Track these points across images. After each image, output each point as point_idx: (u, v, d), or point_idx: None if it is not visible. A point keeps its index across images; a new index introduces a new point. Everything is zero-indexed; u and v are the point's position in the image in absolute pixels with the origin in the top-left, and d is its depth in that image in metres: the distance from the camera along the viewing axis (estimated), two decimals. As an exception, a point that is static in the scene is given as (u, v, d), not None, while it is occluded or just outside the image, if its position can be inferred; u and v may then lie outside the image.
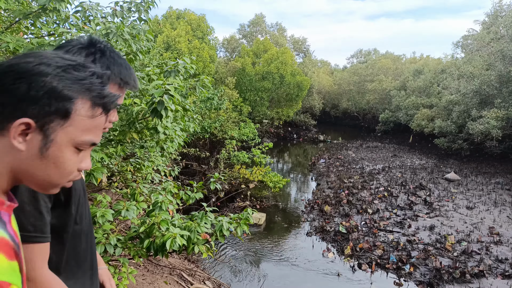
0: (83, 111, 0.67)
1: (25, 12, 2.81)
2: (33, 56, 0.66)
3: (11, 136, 0.64)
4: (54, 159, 0.67)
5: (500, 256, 6.18)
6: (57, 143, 0.66)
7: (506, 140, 14.34)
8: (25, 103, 0.63)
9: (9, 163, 0.65)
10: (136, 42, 2.91)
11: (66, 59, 0.68)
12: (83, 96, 0.67)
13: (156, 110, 2.40)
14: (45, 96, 0.64)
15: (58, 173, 0.69)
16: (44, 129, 0.65)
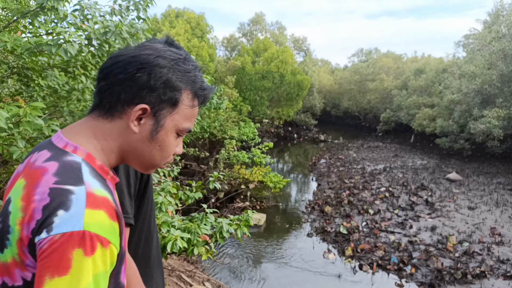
0: (187, 101, 0.77)
1: (23, 11, 2.77)
2: (150, 48, 0.75)
3: (129, 119, 0.73)
4: (160, 142, 0.77)
5: (502, 256, 6.14)
6: (165, 128, 0.76)
7: (507, 139, 14.29)
8: (144, 90, 0.72)
9: (121, 143, 0.75)
10: (135, 41, 2.87)
11: (175, 53, 0.76)
12: (189, 87, 0.76)
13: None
14: (162, 85, 0.73)
15: (161, 155, 0.79)
16: (157, 115, 0.74)
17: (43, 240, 0.61)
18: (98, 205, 0.64)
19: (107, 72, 0.74)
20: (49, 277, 0.60)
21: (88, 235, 0.61)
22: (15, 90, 3.68)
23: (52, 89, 3.26)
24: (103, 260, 0.63)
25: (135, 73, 0.72)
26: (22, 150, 2.00)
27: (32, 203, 0.64)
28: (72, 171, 0.67)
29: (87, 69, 3.11)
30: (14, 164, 3.45)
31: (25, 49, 2.49)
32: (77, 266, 0.60)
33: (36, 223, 0.62)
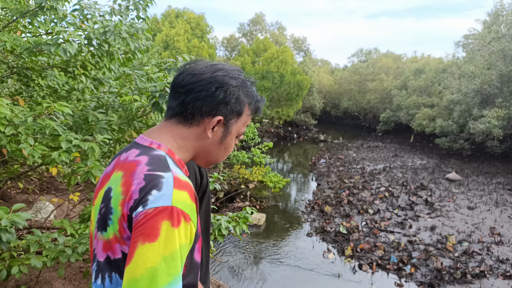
0: (247, 111, 0.97)
1: (22, 11, 2.78)
2: (222, 69, 0.94)
3: (206, 127, 0.92)
4: (226, 145, 0.97)
5: (501, 256, 6.15)
6: (231, 134, 0.96)
7: (507, 139, 14.30)
8: (221, 105, 0.91)
9: (195, 145, 0.94)
10: (135, 40, 2.87)
11: (239, 73, 0.97)
12: (250, 100, 0.97)
13: (157, 104, 2.37)
14: (234, 101, 0.93)
15: (224, 155, 0.99)
16: (227, 124, 0.94)
17: (139, 214, 0.75)
18: (183, 187, 0.79)
19: (190, 89, 0.91)
20: (141, 242, 0.73)
21: (175, 210, 0.75)
22: (15, 90, 3.68)
23: (52, 89, 3.27)
24: (185, 233, 0.77)
25: (215, 91, 0.90)
26: (32, 147, 2.03)
27: (131, 186, 0.79)
28: (160, 161, 0.83)
29: (87, 69, 3.12)
30: (14, 164, 3.45)
31: (25, 49, 2.49)
32: (165, 235, 0.73)
33: (134, 201, 0.77)
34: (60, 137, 2.13)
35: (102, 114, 2.59)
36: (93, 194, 0.99)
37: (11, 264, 2.00)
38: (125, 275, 0.74)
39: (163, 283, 0.71)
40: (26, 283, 2.89)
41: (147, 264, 0.71)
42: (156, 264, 0.72)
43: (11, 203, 4.19)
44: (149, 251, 0.72)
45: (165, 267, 0.72)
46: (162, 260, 0.72)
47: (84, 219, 2.33)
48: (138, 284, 0.71)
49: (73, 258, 2.12)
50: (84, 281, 3.18)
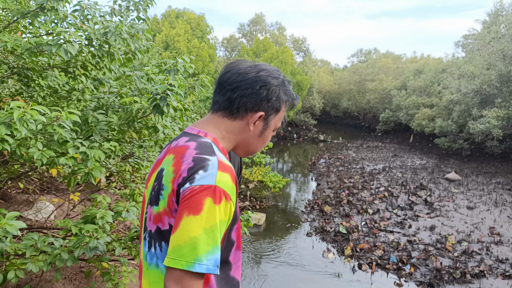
0: (284, 108, 1.08)
1: (23, 11, 2.78)
2: (264, 70, 1.04)
3: (248, 121, 1.03)
4: (264, 137, 1.09)
5: (501, 256, 6.16)
6: (269, 128, 1.08)
7: (506, 139, 14.32)
8: (264, 102, 1.02)
9: (237, 136, 1.06)
10: (135, 41, 2.88)
11: (280, 74, 1.07)
12: (287, 98, 1.08)
13: (158, 106, 2.37)
14: (275, 98, 1.04)
15: (261, 146, 1.11)
16: (267, 119, 1.06)
17: (186, 189, 0.87)
18: (226, 170, 0.90)
19: (237, 86, 1.02)
20: (187, 214, 0.84)
21: (218, 189, 0.85)
22: (15, 90, 3.69)
23: (52, 89, 3.28)
24: (225, 211, 0.87)
25: (259, 89, 1.01)
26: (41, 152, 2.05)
27: (181, 166, 0.91)
28: (207, 147, 0.95)
29: (87, 69, 3.12)
30: (14, 164, 3.46)
31: (25, 49, 2.50)
32: (207, 210, 0.84)
33: (183, 179, 0.88)
34: (67, 144, 2.14)
35: (102, 115, 2.60)
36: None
37: (8, 269, 2.01)
38: (170, 242, 0.85)
39: (203, 251, 0.82)
40: (27, 282, 2.89)
41: (190, 234, 0.83)
42: (198, 234, 0.82)
43: (11, 203, 4.20)
44: (192, 222, 0.83)
45: (205, 237, 0.83)
46: (203, 231, 0.83)
47: (87, 220, 2.34)
48: (182, 251, 0.82)
49: (69, 262, 2.12)
50: (84, 280, 3.19)
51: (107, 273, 2.35)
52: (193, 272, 0.82)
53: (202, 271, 0.82)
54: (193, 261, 0.82)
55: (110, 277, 2.32)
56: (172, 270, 0.83)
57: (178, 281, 0.82)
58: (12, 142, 1.98)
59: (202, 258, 0.82)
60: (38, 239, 2.14)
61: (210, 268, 0.83)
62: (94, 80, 3.29)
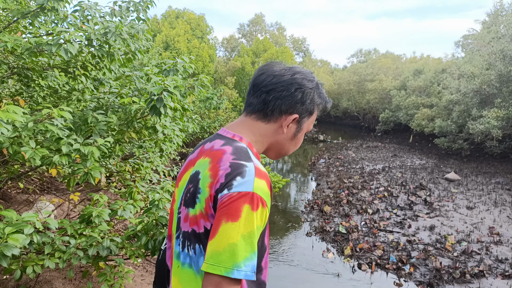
0: (316, 111, 1.09)
1: (23, 12, 2.79)
2: (299, 72, 1.04)
3: (283, 124, 1.03)
4: (297, 140, 1.09)
5: (500, 256, 6.16)
6: (302, 130, 1.08)
7: (506, 139, 14.32)
8: (298, 104, 1.02)
9: (271, 139, 1.05)
10: (135, 41, 2.89)
11: (314, 77, 1.07)
12: (321, 101, 1.09)
13: (154, 108, 2.38)
14: (309, 101, 1.04)
15: (293, 148, 1.11)
16: (301, 122, 1.06)
17: (224, 196, 0.87)
18: (262, 176, 0.91)
19: (272, 88, 1.02)
20: (225, 220, 0.85)
21: (255, 196, 0.86)
22: (15, 91, 3.70)
23: (52, 90, 3.28)
24: (262, 217, 0.88)
25: (294, 91, 1.02)
26: (33, 150, 2.05)
27: (219, 171, 0.91)
28: (243, 152, 0.95)
29: (87, 70, 3.13)
30: (14, 164, 3.47)
31: (25, 49, 2.51)
32: (245, 217, 0.85)
33: (221, 185, 0.89)
34: (61, 141, 2.15)
35: (101, 115, 2.60)
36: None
37: (25, 265, 2.03)
38: (208, 247, 0.86)
39: (241, 258, 0.84)
40: (26, 282, 2.90)
41: (229, 240, 0.84)
42: (237, 241, 0.84)
43: (11, 203, 4.20)
44: (231, 229, 0.84)
45: (243, 244, 0.84)
46: (241, 238, 0.84)
47: (84, 219, 2.34)
48: (221, 257, 0.83)
49: (84, 260, 2.15)
50: (84, 280, 3.19)
51: (103, 274, 2.35)
52: (231, 278, 0.83)
53: (241, 277, 0.83)
54: (232, 267, 0.83)
55: (105, 278, 2.32)
56: (210, 275, 0.85)
57: (217, 286, 0.84)
58: (1, 141, 1.99)
59: (240, 264, 0.83)
60: (55, 237, 2.17)
61: (248, 274, 0.85)
62: (94, 80, 3.30)
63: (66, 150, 2.13)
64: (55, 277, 3.14)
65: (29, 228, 1.81)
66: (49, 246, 2.11)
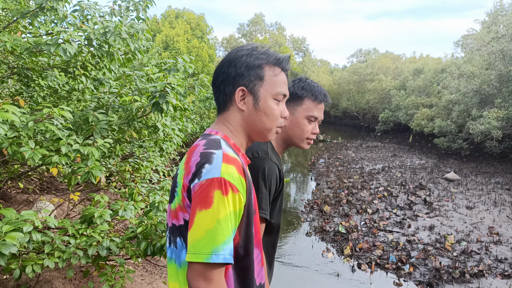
0: (270, 72, 1.03)
1: (22, 11, 2.79)
2: (230, 52, 1.04)
3: (236, 101, 1.02)
4: (264, 109, 1.03)
5: (500, 256, 6.17)
6: (262, 98, 1.02)
7: (506, 139, 14.33)
8: (237, 78, 1.01)
9: (239, 122, 1.04)
10: (135, 41, 2.89)
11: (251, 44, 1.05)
12: (265, 61, 1.03)
13: (157, 104, 2.38)
14: (245, 69, 1.01)
15: (269, 120, 1.04)
16: (253, 91, 1.02)
17: (195, 185, 0.89)
18: (230, 161, 0.91)
19: (214, 80, 1.05)
20: (199, 209, 0.87)
21: (223, 181, 0.87)
22: (15, 90, 3.70)
23: (52, 89, 3.28)
24: (234, 202, 0.89)
25: (226, 70, 1.02)
26: (32, 150, 2.05)
27: (190, 163, 0.94)
28: (215, 142, 0.97)
29: (87, 70, 3.13)
30: (14, 164, 3.47)
31: (25, 49, 2.51)
32: (217, 202, 0.86)
33: (192, 174, 0.91)
34: (61, 141, 2.14)
35: (102, 115, 2.60)
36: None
37: (25, 264, 2.02)
38: (188, 238, 0.88)
39: (219, 242, 0.85)
40: (26, 282, 2.90)
41: (205, 227, 0.85)
42: (213, 227, 0.85)
43: (11, 203, 4.20)
44: (205, 216, 0.86)
45: (219, 228, 0.85)
46: (216, 223, 0.86)
47: (85, 219, 2.34)
48: (200, 244, 0.85)
49: (83, 260, 2.14)
50: (84, 280, 3.19)
51: (104, 274, 2.35)
52: (213, 263, 0.85)
53: (220, 261, 0.85)
54: (211, 252, 0.85)
55: (107, 278, 2.32)
56: (193, 265, 0.86)
57: (201, 274, 0.85)
58: (2, 141, 1.99)
59: (218, 248, 0.85)
60: (55, 236, 2.16)
61: (226, 257, 0.86)
62: (94, 80, 3.30)
63: (65, 150, 2.13)
64: (55, 277, 3.14)
65: (28, 226, 1.80)
66: (49, 246, 2.11)
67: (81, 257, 2.13)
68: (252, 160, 1.34)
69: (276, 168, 1.39)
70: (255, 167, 1.32)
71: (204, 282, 0.86)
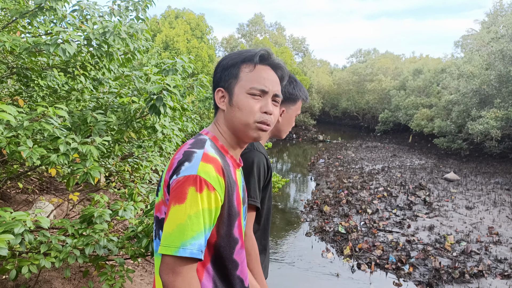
0: (245, 69, 1.05)
1: (21, 11, 2.79)
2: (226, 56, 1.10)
3: (217, 102, 1.07)
4: (237, 104, 1.03)
5: (499, 256, 6.17)
6: (236, 94, 1.04)
7: (505, 140, 14.33)
8: (219, 82, 1.07)
9: (223, 122, 1.07)
10: (134, 41, 2.89)
11: (236, 52, 1.09)
12: (241, 59, 1.06)
13: (154, 107, 2.38)
14: (221, 71, 1.07)
15: (244, 113, 1.03)
16: (228, 89, 1.05)
17: (173, 180, 0.93)
18: (209, 161, 0.93)
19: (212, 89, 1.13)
20: (173, 204, 0.90)
21: (199, 178, 0.90)
22: (15, 90, 3.69)
23: (51, 89, 3.28)
24: (208, 200, 0.91)
25: (214, 76, 1.10)
26: (31, 149, 2.04)
27: (173, 160, 0.97)
28: (200, 142, 1.00)
29: (86, 70, 3.13)
30: (13, 164, 3.46)
31: (24, 49, 2.51)
32: (190, 198, 0.89)
33: (172, 171, 0.95)
34: (58, 140, 2.14)
35: (100, 115, 2.60)
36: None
37: (20, 264, 2.01)
38: (163, 231, 0.92)
39: (188, 236, 0.88)
40: (25, 282, 2.89)
41: (177, 221, 0.88)
42: (183, 221, 0.88)
43: (10, 203, 4.20)
44: (178, 211, 0.89)
45: (190, 223, 0.88)
46: (188, 218, 0.88)
47: (85, 219, 2.34)
48: (171, 237, 0.88)
49: (80, 259, 2.14)
50: (84, 280, 3.19)
51: (104, 273, 2.35)
52: (182, 257, 0.87)
53: (186, 255, 0.87)
54: (179, 246, 0.87)
55: (107, 277, 2.32)
56: (164, 257, 0.89)
57: (170, 267, 0.88)
58: (0, 139, 1.98)
59: (186, 243, 0.87)
60: (51, 236, 2.16)
61: (193, 252, 0.88)
62: (93, 80, 3.29)
63: (63, 149, 2.12)
64: (55, 277, 3.14)
65: (20, 228, 1.79)
66: (45, 245, 2.10)
67: (78, 257, 2.12)
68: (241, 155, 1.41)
69: (263, 158, 1.47)
70: (243, 160, 1.38)
71: (173, 275, 0.88)
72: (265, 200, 1.54)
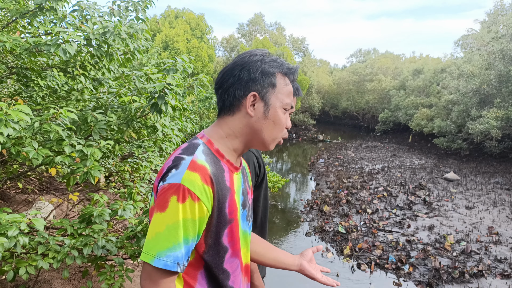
0: (281, 81, 1.01)
1: (21, 11, 2.79)
2: (243, 53, 1.02)
3: (247, 107, 0.98)
4: (273, 118, 1.00)
5: (499, 256, 6.17)
6: (273, 106, 1.00)
7: (505, 139, 14.34)
8: (249, 83, 0.98)
9: (243, 128, 1.00)
10: (134, 41, 2.89)
11: (258, 51, 1.02)
12: (279, 70, 1.01)
13: (156, 105, 2.37)
14: (260, 75, 0.98)
15: (277, 129, 1.02)
16: (264, 98, 0.99)
17: (159, 187, 0.90)
18: (196, 169, 0.89)
19: (221, 82, 1.01)
20: (156, 211, 0.88)
21: (182, 187, 0.86)
22: (14, 90, 3.69)
23: (51, 89, 3.28)
24: (192, 210, 0.86)
25: (239, 73, 0.98)
26: (36, 150, 2.05)
27: (164, 165, 0.94)
28: (192, 147, 0.95)
29: (86, 70, 3.12)
30: (13, 164, 3.46)
31: (24, 49, 2.50)
32: (171, 208, 0.85)
33: (161, 177, 0.92)
34: (64, 142, 2.14)
35: (101, 115, 2.60)
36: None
37: (18, 265, 2.01)
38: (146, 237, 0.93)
39: (163, 247, 0.85)
40: (25, 282, 2.89)
41: (156, 229, 0.86)
42: (161, 231, 0.86)
43: (10, 203, 4.19)
44: (158, 219, 0.86)
45: (167, 234, 0.85)
46: (166, 228, 0.85)
47: (84, 219, 2.34)
48: (149, 245, 0.86)
49: (78, 260, 2.14)
50: (83, 280, 3.19)
51: (103, 273, 2.35)
52: (160, 269, 0.85)
53: (160, 266, 0.84)
54: (154, 256, 0.85)
55: (106, 277, 2.32)
56: (144, 264, 0.88)
57: (148, 275, 0.87)
58: (4, 141, 1.98)
59: (161, 253, 0.85)
60: (49, 237, 2.15)
61: (168, 264, 0.85)
62: (93, 80, 3.29)
63: (68, 151, 2.13)
64: (54, 277, 3.14)
65: (14, 230, 1.78)
66: (43, 246, 2.10)
67: (76, 257, 2.12)
68: None
69: (253, 156, 1.47)
70: None
71: (150, 283, 0.86)
72: (259, 198, 1.52)
